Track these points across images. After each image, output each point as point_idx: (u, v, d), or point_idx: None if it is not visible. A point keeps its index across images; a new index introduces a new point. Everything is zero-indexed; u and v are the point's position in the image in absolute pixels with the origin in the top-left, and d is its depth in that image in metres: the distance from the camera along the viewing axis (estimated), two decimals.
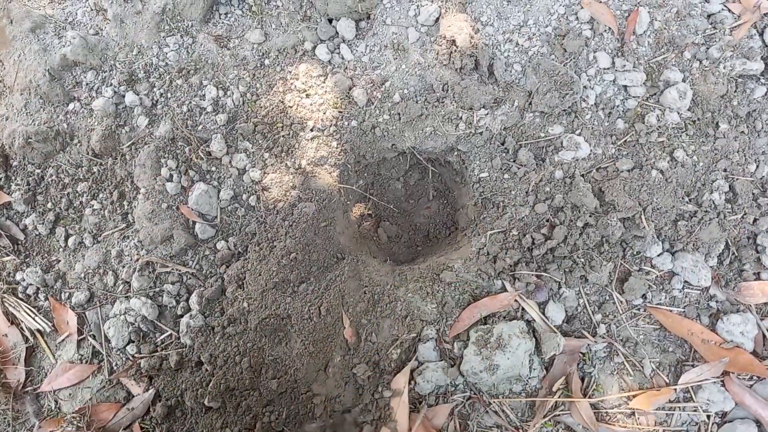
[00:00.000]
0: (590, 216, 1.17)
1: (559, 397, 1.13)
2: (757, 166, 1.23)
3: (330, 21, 1.31)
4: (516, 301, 1.17)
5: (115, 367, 1.20)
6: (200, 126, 1.25)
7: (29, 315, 1.23)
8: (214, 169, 1.25)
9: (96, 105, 1.25)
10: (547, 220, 1.19)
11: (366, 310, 1.17)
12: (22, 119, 1.27)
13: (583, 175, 1.21)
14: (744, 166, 1.22)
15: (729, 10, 1.29)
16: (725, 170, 1.22)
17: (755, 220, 1.21)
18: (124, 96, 1.26)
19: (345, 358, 1.14)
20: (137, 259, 1.22)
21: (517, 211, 1.19)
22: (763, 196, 1.22)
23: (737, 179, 1.21)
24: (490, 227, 1.20)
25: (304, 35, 1.29)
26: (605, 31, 1.26)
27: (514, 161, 1.23)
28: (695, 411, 1.12)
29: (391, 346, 1.14)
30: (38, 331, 1.23)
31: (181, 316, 1.20)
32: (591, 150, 1.23)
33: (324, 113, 1.25)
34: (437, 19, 1.27)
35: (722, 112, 1.24)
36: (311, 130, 1.24)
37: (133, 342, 1.20)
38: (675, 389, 1.13)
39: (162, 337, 1.20)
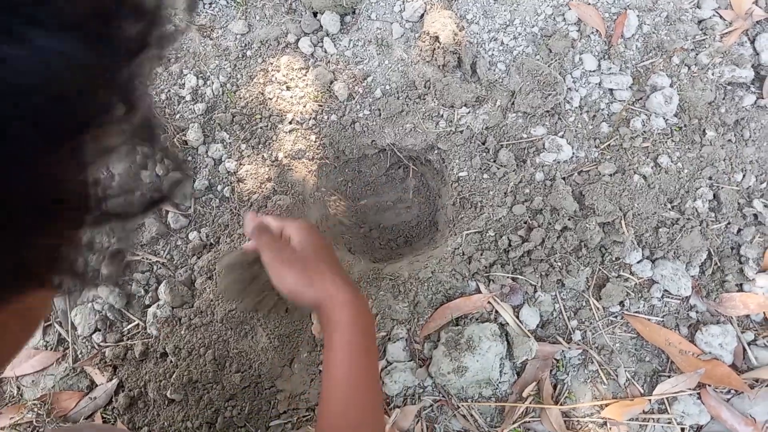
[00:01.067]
0: (569, 219, 1.15)
1: (529, 403, 1.10)
2: (744, 176, 1.20)
3: (315, 15, 1.29)
4: (490, 303, 1.14)
5: (79, 355, 1.18)
6: (178, 115, 1.23)
7: None
8: (189, 158, 1.23)
9: None
10: (525, 222, 1.16)
11: None
12: None
13: (564, 178, 1.19)
14: (730, 174, 1.20)
15: (720, 17, 1.27)
16: (710, 178, 1.19)
17: (739, 230, 1.18)
18: None
19: (311, 355, 1.11)
20: (108, 247, 1.20)
21: (495, 211, 1.16)
22: (749, 206, 1.19)
23: (722, 188, 1.18)
24: (467, 227, 1.17)
25: (288, 28, 1.28)
26: (592, 33, 1.24)
27: (494, 161, 1.20)
28: (669, 423, 1.08)
29: None
30: None
31: (149, 305, 1.18)
32: (573, 153, 1.20)
33: (304, 106, 1.24)
34: (422, 15, 1.25)
35: (709, 119, 1.21)
36: (290, 123, 1.22)
37: (100, 330, 1.18)
38: (649, 400, 1.10)
39: (129, 326, 1.18)
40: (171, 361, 1.12)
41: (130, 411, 1.12)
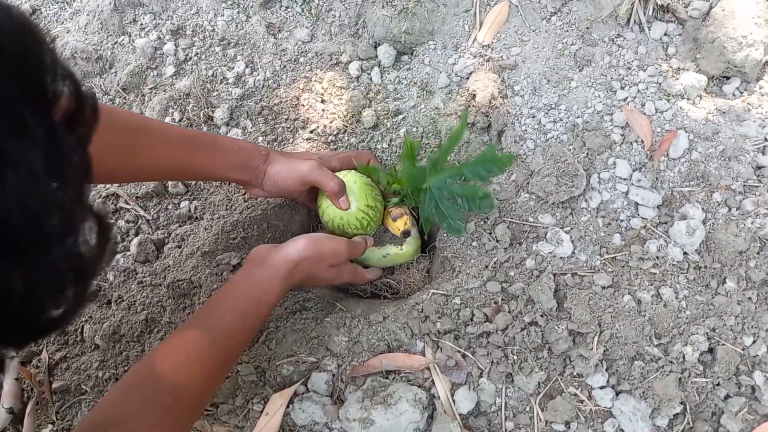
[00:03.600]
0: (541, 316, 1.07)
1: None
2: (754, 341, 1.06)
3: (375, 47, 1.32)
4: (428, 369, 1.07)
5: None
6: (215, 92, 1.29)
7: None
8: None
9: (138, 43, 1.33)
10: (495, 302, 1.09)
11: (280, 315, 1.12)
12: (78, 36, 1.38)
13: (554, 274, 1.11)
14: (738, 334, 1.07)
15: None
16: (713, 330, 1.07)
17: (727, 396, 1.04)
18: (165, 43, 1.34)
19: None
20: (107, 187, 1.26)
21: (468, 280, 1.10)
22: (749, 375, 1.05)
23: (723, 344, 1.05)
24: (437, 287, 1.12)
25: (346, 48, 1.31)
26: (636, 141, 1.18)
27: (490, 233, 1.15)
28: None
29: (285, 359, 1.08)
30: None
31: (118, 252, 1.21)
32: (574, 253, 1.13)
33: (330, 122, 1.25)
34: (471, 73, 1.24)
35: (734, 269, 1.10)
36: (311, 132, 1.24)
37: None
38: None
39: None
40: (111, 310, 1.14)
41: (58, 342, 1.14)
